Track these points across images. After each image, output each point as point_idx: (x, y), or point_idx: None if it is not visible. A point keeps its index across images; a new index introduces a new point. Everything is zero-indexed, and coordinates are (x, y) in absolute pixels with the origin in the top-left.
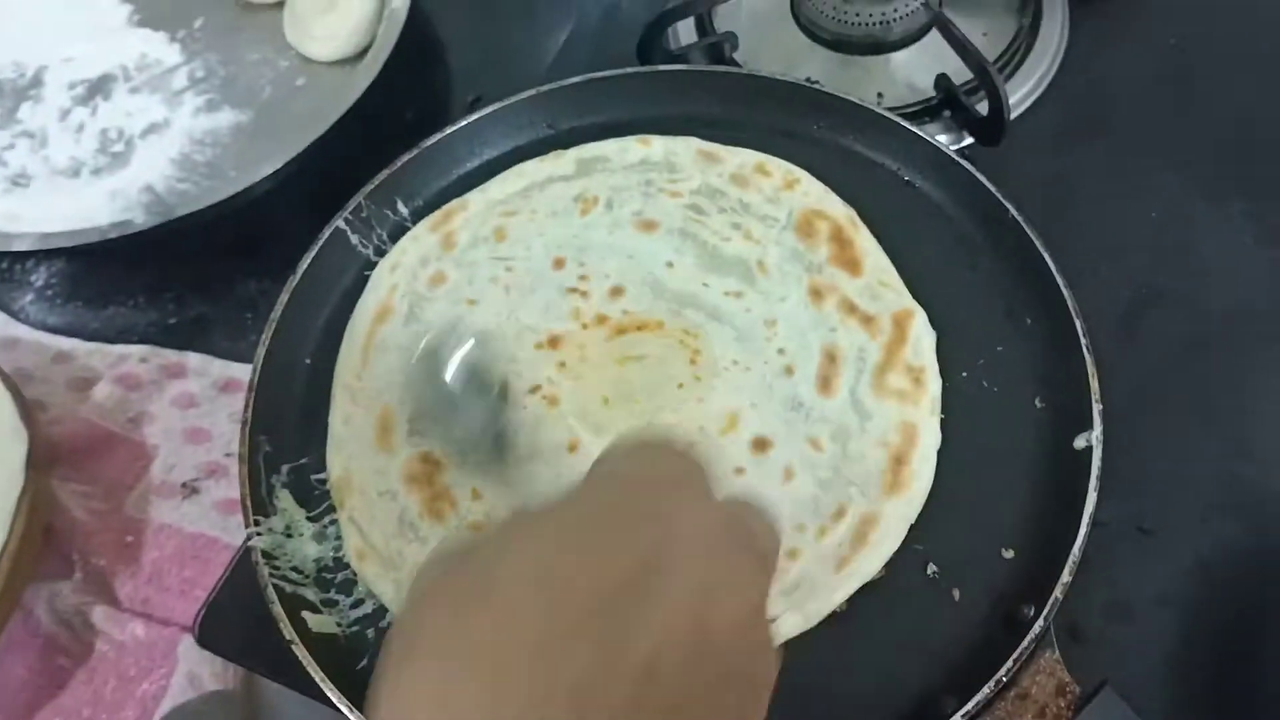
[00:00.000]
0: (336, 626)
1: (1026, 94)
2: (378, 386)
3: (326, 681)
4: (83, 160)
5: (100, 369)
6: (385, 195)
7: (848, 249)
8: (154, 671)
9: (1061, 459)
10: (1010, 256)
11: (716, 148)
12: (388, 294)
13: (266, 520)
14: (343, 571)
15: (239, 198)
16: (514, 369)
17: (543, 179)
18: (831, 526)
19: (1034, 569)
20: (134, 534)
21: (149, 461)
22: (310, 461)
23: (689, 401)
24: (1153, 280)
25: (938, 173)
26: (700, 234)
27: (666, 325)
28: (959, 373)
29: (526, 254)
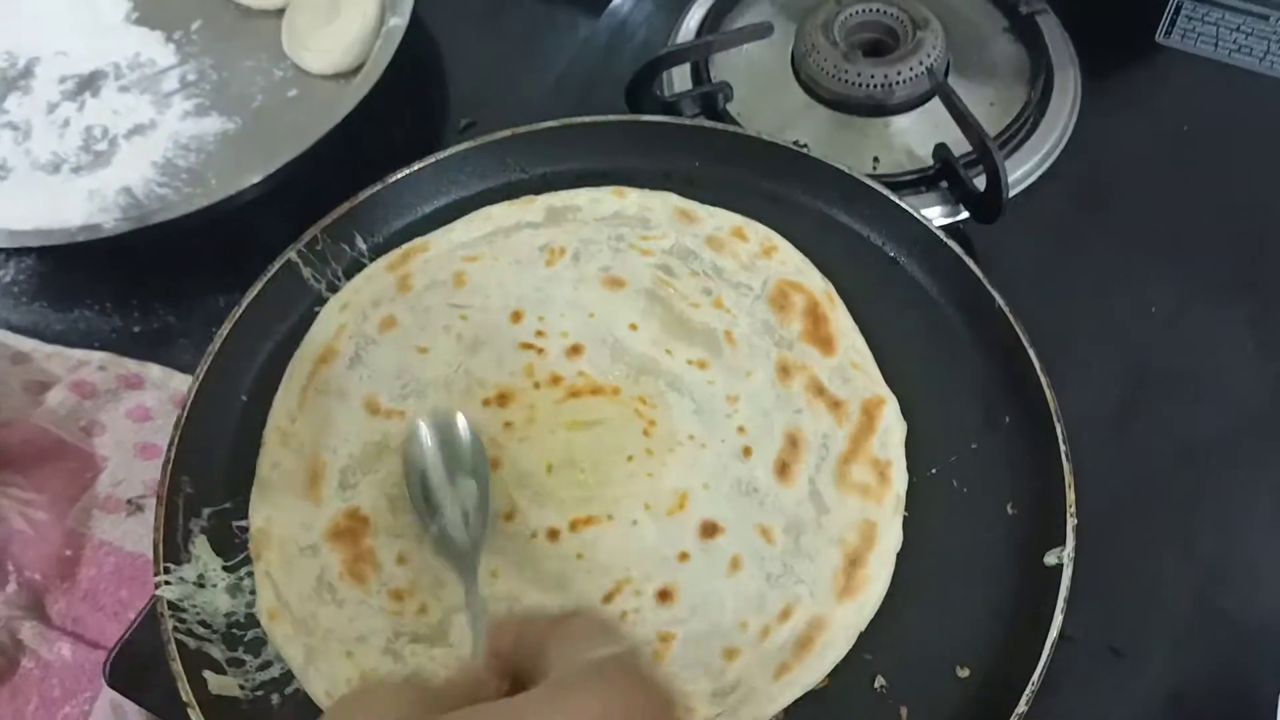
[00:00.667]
0: (240, 689)
1: (1029, 170)
2: (312, 432)
3: None
4: (64, 157)
5: (58, 373)
6: (343, 229)
7: (822, 326)
8: (78, 695)
9: (1029, 574)
10: (993, 348)
11: (694, 206)
12: (335, 334)
13: (178, 568)
14: (254, 629)
15: (216, 208)
16: None
17: (510, 224)
18: (776, 627)
19: (989, 693)
20: (73, 548)
21: (97, 473)
22: (233, 507)
23: (638, 476)
24: (1144, 382)
25: (924, 252)
26: (668, 297)
27: (623, 392)
28: (928, 469)
29: (484, 303)
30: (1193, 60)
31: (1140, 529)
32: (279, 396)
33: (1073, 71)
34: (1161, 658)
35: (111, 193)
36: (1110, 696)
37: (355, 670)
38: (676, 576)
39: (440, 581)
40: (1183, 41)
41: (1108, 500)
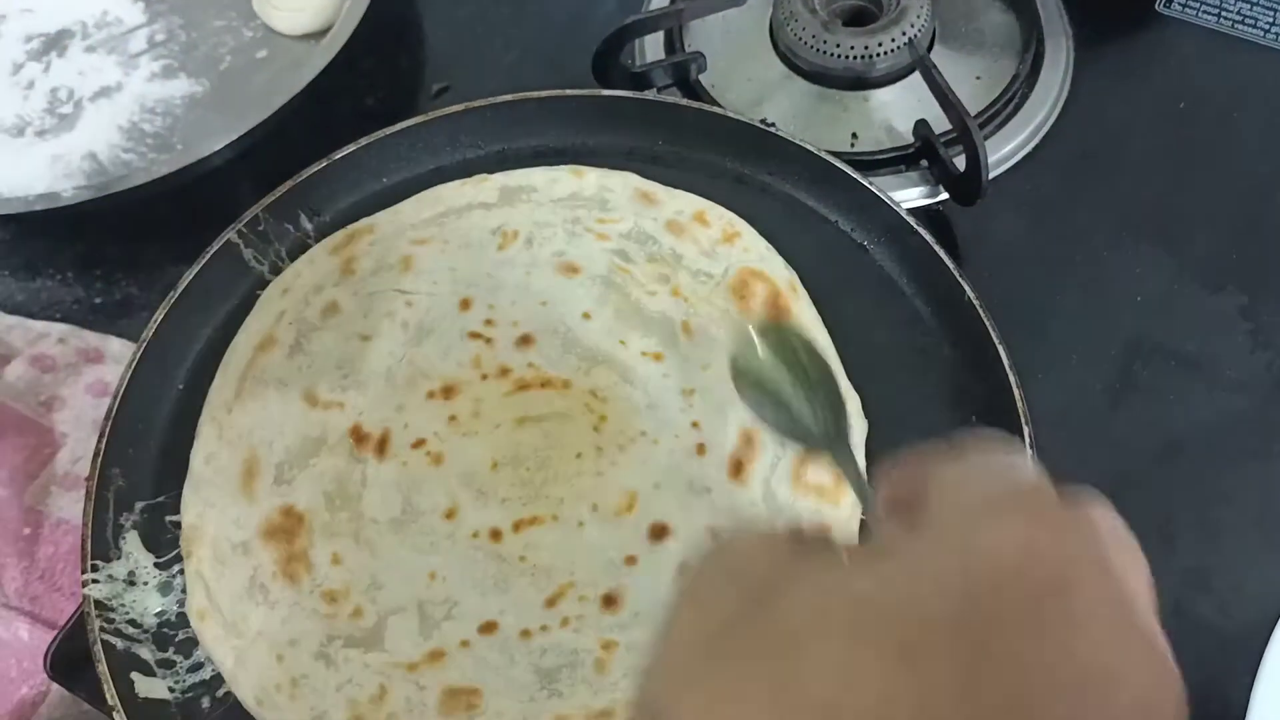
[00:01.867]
0: (169, 691)
1: (1016, 148)
2: (249, 424)
3: None
4: (29, 120)
5: (18, 346)
6: (287, 207)
7: (783, 317)
8: (34, 677)
9: None
10: (962, 343)
11: (655, 188)
12: (274, 321)
13: (107, 565)
14: (185, 629)
15: (181, 174)
16: (398, 419)
17: (462, 205)
18: None
19: None
20: (31, 526)
21: (55, 450)
22: (167, 501)
23: (585, 474)
24: (1129, 372)
25: (894, 239)
26: (625, 284)
27: (573, 385)
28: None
29: (432, 289)
30: (1194, 31)
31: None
32: (215, 385)
33: (1065, 43)
34: None
35: (76, 158)
36: None
37: (285, 675)
38: (622, 581)
39: (377, 584)
40: (1184, 11)
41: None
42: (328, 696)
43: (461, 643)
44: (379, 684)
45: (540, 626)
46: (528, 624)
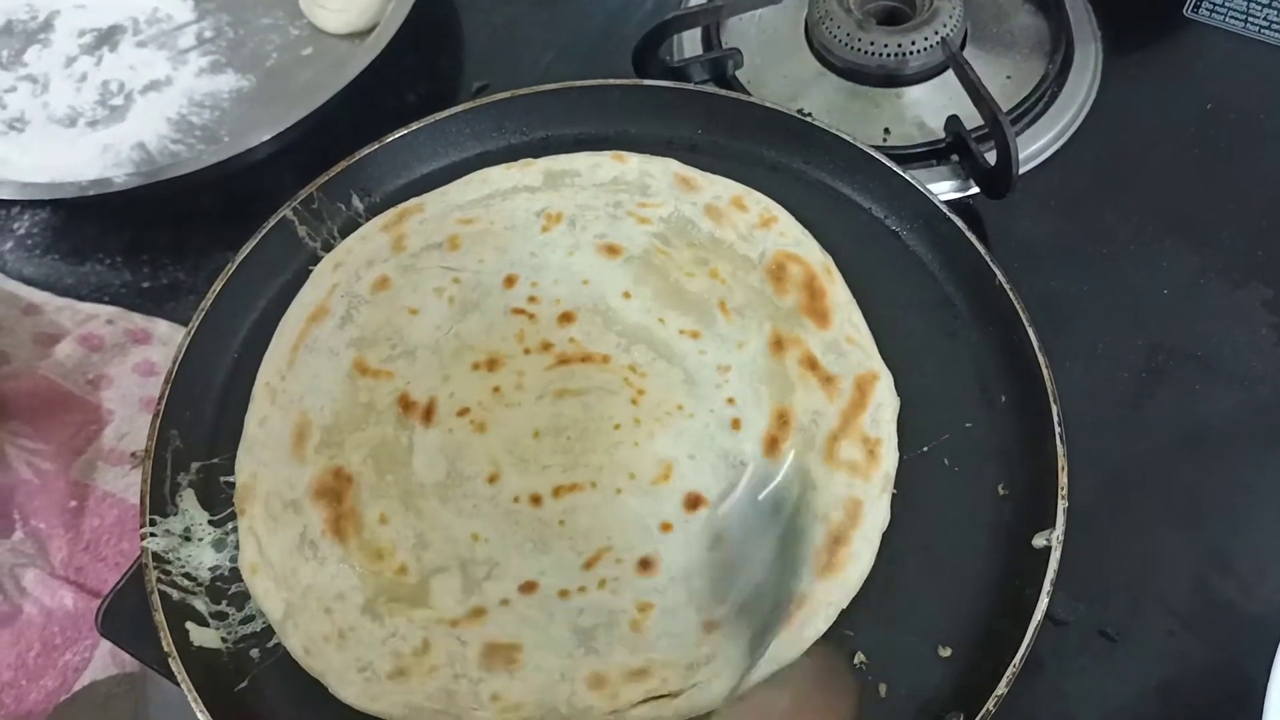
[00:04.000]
0: (221, 642)
1: (1044, 146)
2: (300, 390)
3: (198, 701)
4: (81, 111)
5: (67, 326)
6: (339, 188)
7: (818, 299)
8: (79, 643)
9: (1017, 555)
10: (992, 326)
11: (694, 174)
12: (326, 293)
13: (165, 520)
14: (238, 583)
15: (228, 164)
16: (444, 389)
17: (507, 187)
18: None
19: (970, 673)
20: (77, 499)
21: (102, 426)
22: (221, 462)
23: (624, 445)
24: (1154, 364)
25: (927, 226)
26: (663, 266)
27: (613, 360)
28: (919, 447)
29: (478, 267)
30: (1220, 35)
31: (1142, 514)
32: (269, 353)
33: (1094, 45)
34: (1154, 645)
35: (126, 148)
36: (1099, 681)
37: (333, 627)
38: (658, 547)
39: (422, 543)
40: (1211, 16)
41: (1109, 483)
42: (373, 649)
43: (502, 601)
44: (422, 638)
45: (578, 587)
46: (566, 585)
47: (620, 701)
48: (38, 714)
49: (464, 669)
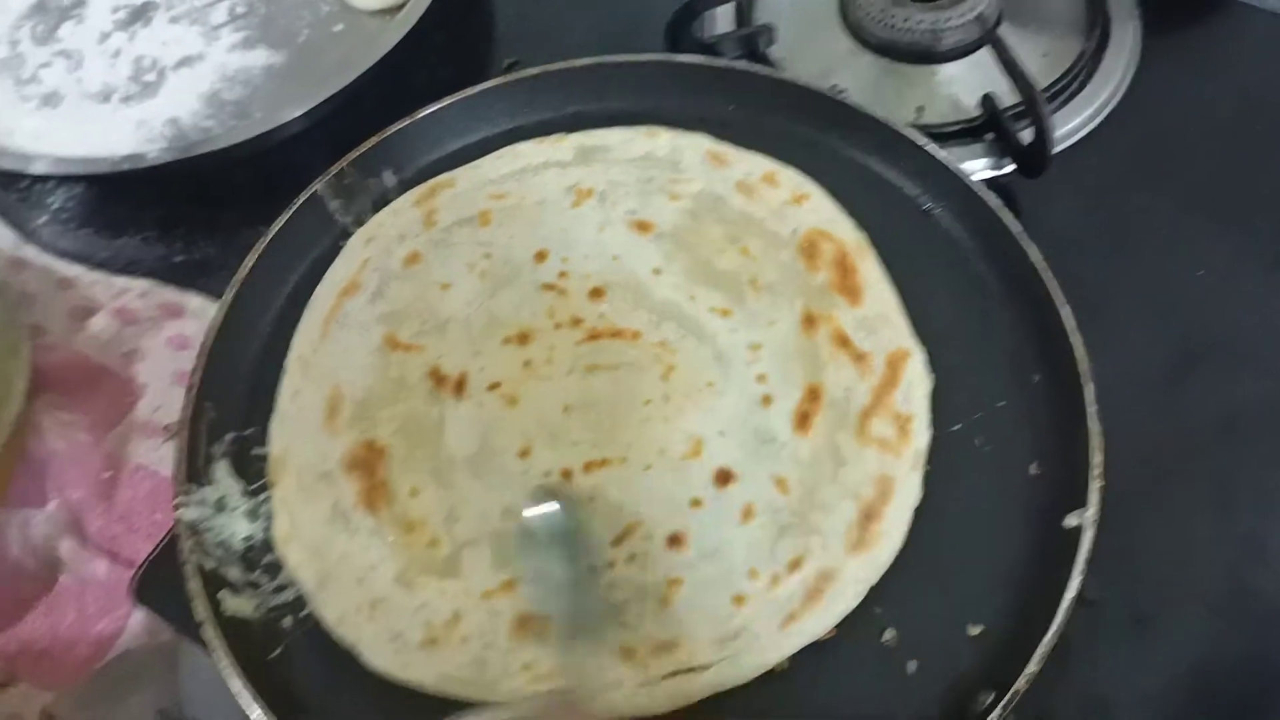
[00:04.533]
0: (254, 611)
1: (1080, 124)
2: (332, 364)
3: (232, 667)
4: (114, 86)
5: (101, 300)
6: (371, 163)
7: (850, 276)
8: (112, 612)
9: (1049, 535)
10: (1026, 305)
11: (726, 149)
12: (358, 268)
13: (199, 491)
14: (270, 553)
15: (259, 141)
16: (475, 363)
17: (539, 163)
18: (785, 577)
19: (1000, 652)
20: (111, 471)
21: (135, 399)
22: (255, 433)
23: (654, 420)
24: (1188, 348)
25: (960, 204)
26: (694, 243)
27: (643, 336)
28: (951, 425)
29: (508, 242)
30: (1263, 16)
31: (1175, 497)
32: (301, 326)
33: (1132, 24)
34: (1186, 629)
35: (159, 123)
36: (1130, 664)
37: (365, 597)
38: (688, 522)
39: (453, 516)
40: None
41: (1142, 466)
42: (404, 619)
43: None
44: (453, 609)
45: (608, 562)
46: (596, 560)
47: (650, 674)
48: (73, 682)
49: (495, 639)
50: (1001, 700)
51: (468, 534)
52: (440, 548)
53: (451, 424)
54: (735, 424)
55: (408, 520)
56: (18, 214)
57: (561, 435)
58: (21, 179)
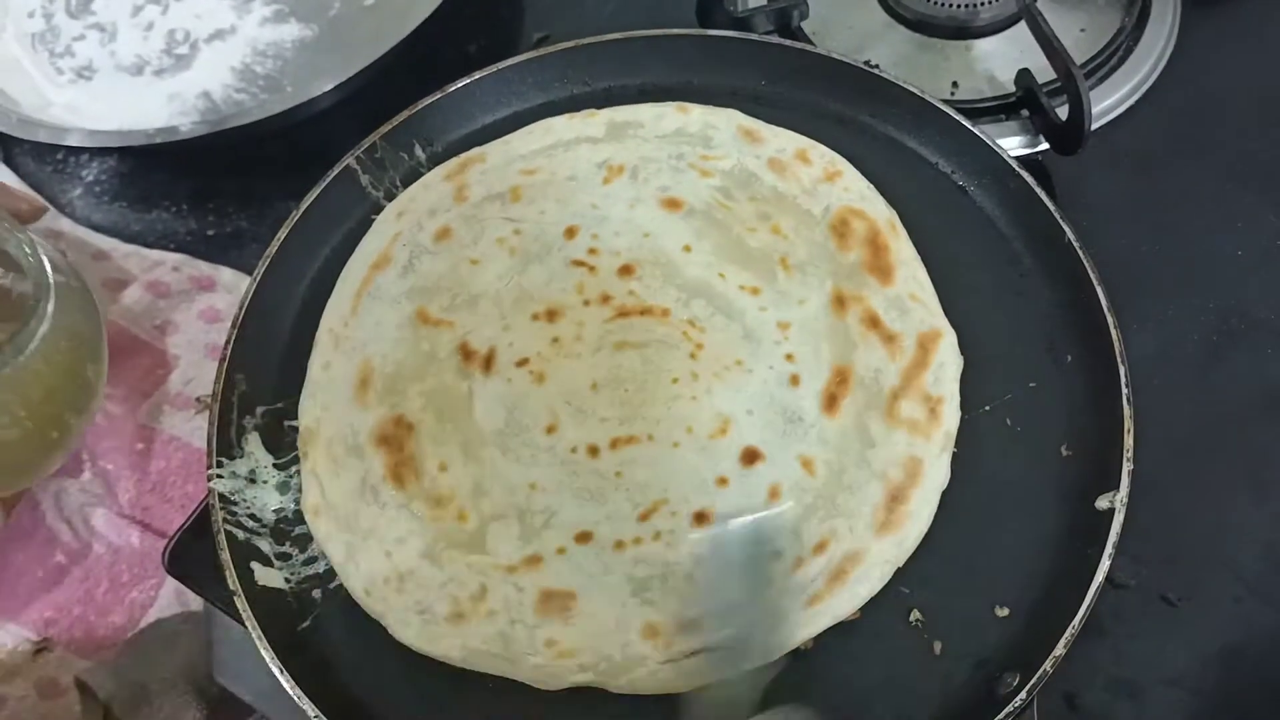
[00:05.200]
0: (285, 582)
1: (1119, 100)
2: (363, 337)
3: (262, 639)
4: (147, 59)
5: (134, 272)
6: (402, 137)
7: (882, 255)
8: (145, 581)
9: (1080, 517)
10: (1060, 285)
11: (759, 126)
12: (389, 242)
13: (230, 463)
14: (301, 525)
15: (291, 114)
16: (504, 338)
17: (570, 138)
18: (810, 558)
19: (1027, 634)
20: (144, 442)
21: (168, 371)
22: (286, 406)
23: (682, 398)
24: (1227, 326)
25: (995, 182)
26: (725, 221)
27: (672, 314)
28: (982, 406)
29: (539, 218)
30: None
31: (1209, 479)
32: (332, 300)
33: None
34: (1218, 612)
35: (191, 96)
36: (1160, 646)
37: (393, 570)
38: (714, 501)
39: (480, 491)
40: None
41: (1177, 446)
42: (431, 592)
43: (558, 549)
44: (480, 583)
45: (634, 539)
46: (622, 535)
47: (674, 651)
48: (105, 649)
49: (520, 614)
50: (1028, 683)
51: (494, 509)
52: (467, 522)
53: (480, 399)
54: (763, 403)
55: (436, 494)
56: (52, 187)
57: (589, 412)
58: (56, 152)
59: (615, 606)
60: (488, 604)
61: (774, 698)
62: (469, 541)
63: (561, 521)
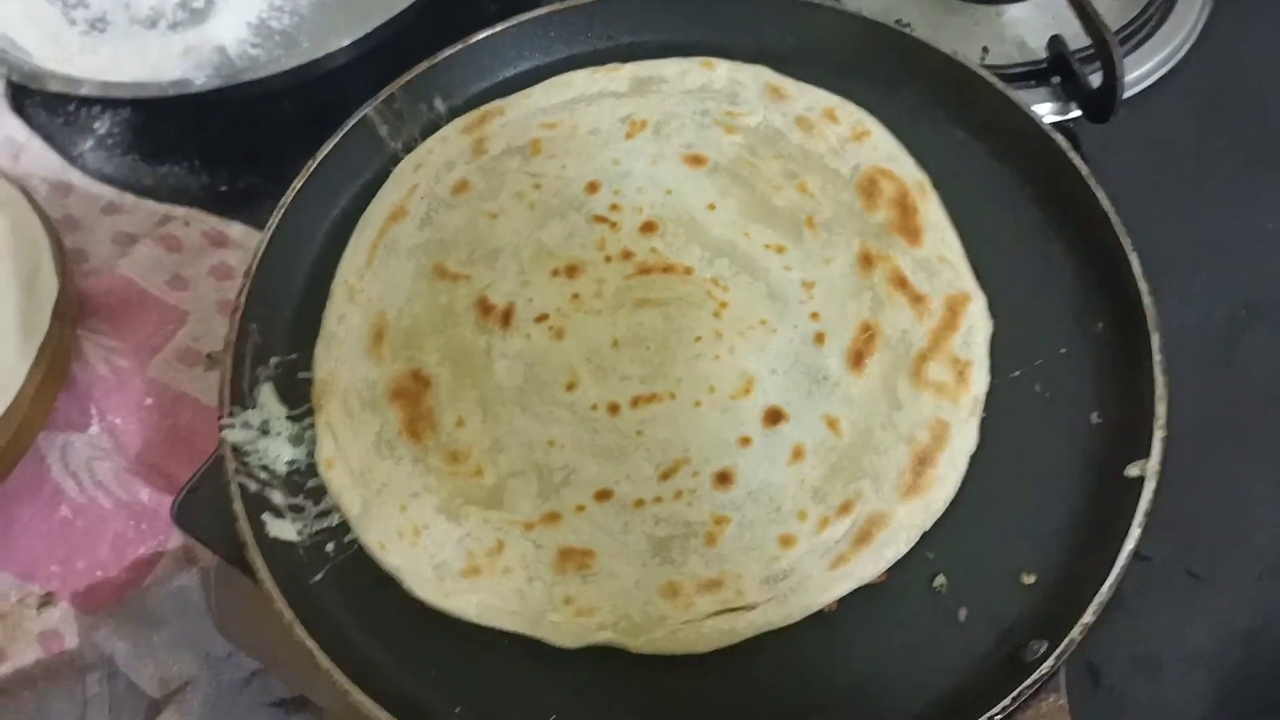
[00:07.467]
0: (297, 535)
1: (1149, 71)
2: (379, 290)
3: (274, 591)
4: (162, 12)
5: (145, 226)
6: (422, 88)
7: (910, 216)
8: (151, 538)
9: (1109, 485)
10: (1092, 251)
11: (786, 83)
12: (406, 194)
13: (244, 413)
14: (314, 478)
15: (306, 70)
16: (523, 294)
17: (592, 92)
18: (834, 520)
19: (1054, 601)
20: (153, 397)
21: (178, 327)
22: (300, 358)
23: (704, 357)
24: (1254, 302)
25: (1028, 146)
26: (751, 179)
27: (695, 272)
28: (1011, 371)
29: (559, 173)
30: None
31: (1233, 456)
32: (348, 252)
33: None
34: (1242, 588)
35: (206, 51)
36: (1183, 620)
37: (408, 524)
38: (736, 460)
39: (498, 447)
40: None
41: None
42: (447, 547)
43: (577, 507)
44: (497, 539)
45: (654, 497)
46: (642, 494)
47: (694, 612)
48: (110, 604)
49: (538, 571)
50: (1055, 650)
51: (512, 465)
52: (485, 478)
53: (498, 356)
54: (787, 362)
55: (453, 450)
56: (63, 139)
57: (610, 369)
58: (68, 104)
59: (635, 566)
60: (504, 560)
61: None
62: (486, 497)
63: (581, 479)
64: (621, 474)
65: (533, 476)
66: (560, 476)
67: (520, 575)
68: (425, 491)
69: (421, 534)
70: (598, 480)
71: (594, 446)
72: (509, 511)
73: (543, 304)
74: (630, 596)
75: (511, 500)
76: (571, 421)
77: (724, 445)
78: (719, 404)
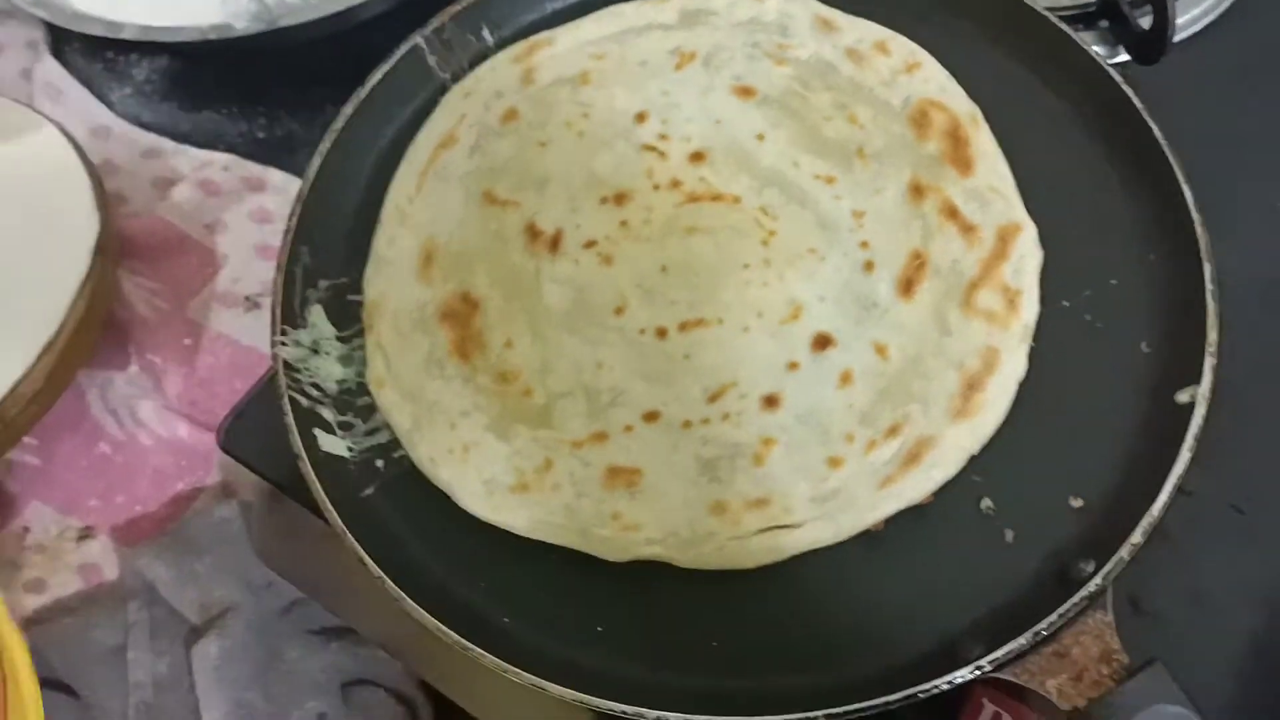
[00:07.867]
0: (347, 450)
1: (1203, 13)
2: (429, 215)
3: (325, 501)
4: None
5: (184, 171)
6: (471, 19)
7: (962, 147)
8: (191, 474)
9: (1158, 411)
10: (1144, 184)
11: (836, 15)
12: (456, 122)
13: (294, 332)
14: (364, 397)
15: (346, 15)
16: (571, 220)
17: (641, 24)
18: (882, 442)
19: (1102, 524)
20: (192, 338)
21: (217, 270)
22: (350, 281)
23: (753, 284)
24: None
25: (1082, 82)
26: (801, 109)
27: (744, 201)
28: (1060, 301)
29: (608, 103)
30: None
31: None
32: (398, 177)
33: None
34: None
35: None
36: (1227, 553)
37: (458, 441)
38: (784, 384)
39: (547, 368)
40: None
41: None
42: (497, 463)
43: (625, 427)
44: (545, 457)
45: (701, 419)
46: (689, 416)
47: (741, 529)
48: (151, 539)
49: (586, 488)
50: (1104, 568)
51: (561, 386)
52: (533, 398)
53: (546, 280)
54: (836, 289)
55: (502, 371)
56: (102, 85)
57: (658, 294)
58: (107, 50)
59: (683, 485)
60: (553, 477)
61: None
62: (535, 416)
63: (629, 400)
64: (669, 396)
65: (581, 397)
66: (608, 398)
67: (569, 491)
68: (475, 410)
69: (471, 451)
70: (645, 402)
71: (642, 369)
72: (558, 430)
73: (591, 231)
74: (678, 513)
75: (560, 420)
76: (620, 344)
77: (772, 369)
78: (767, 329)
